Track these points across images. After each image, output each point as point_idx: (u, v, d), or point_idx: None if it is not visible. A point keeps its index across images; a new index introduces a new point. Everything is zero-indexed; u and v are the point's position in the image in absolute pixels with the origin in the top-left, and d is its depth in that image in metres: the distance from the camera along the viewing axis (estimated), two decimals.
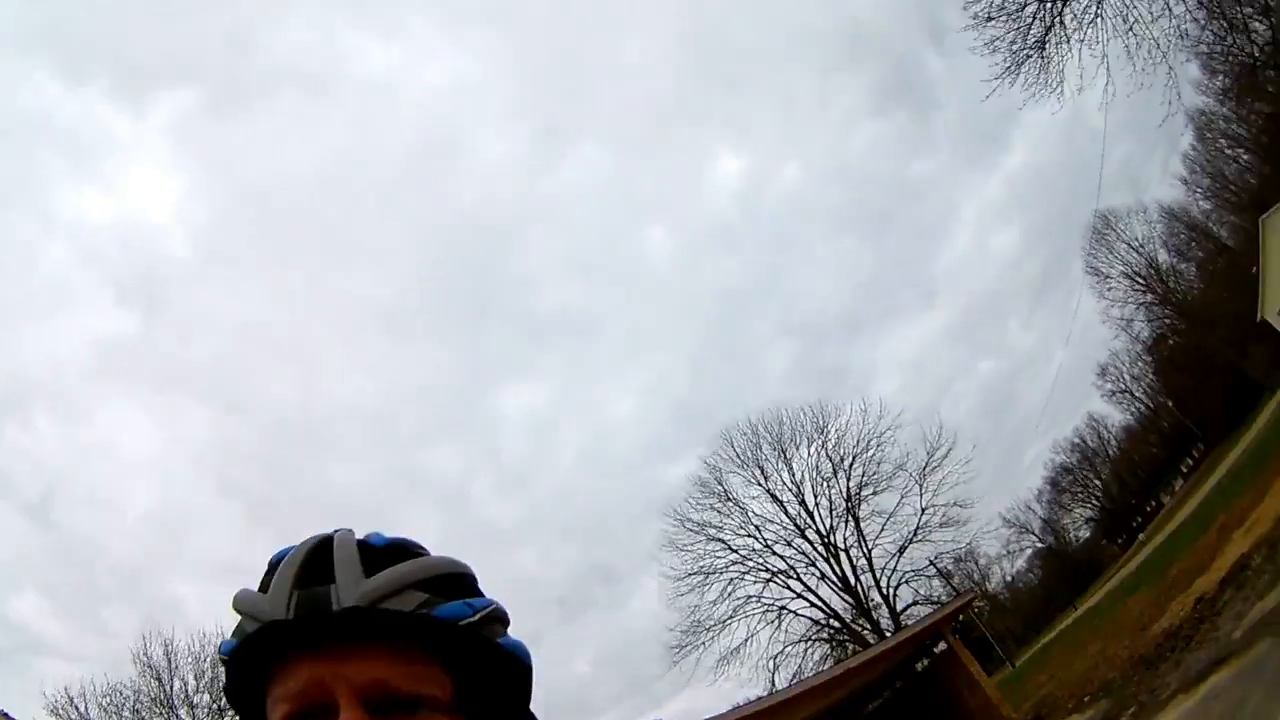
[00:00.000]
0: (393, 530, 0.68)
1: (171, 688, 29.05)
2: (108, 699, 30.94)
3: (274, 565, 0.63)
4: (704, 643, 28.64)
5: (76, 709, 29.92)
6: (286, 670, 0.58)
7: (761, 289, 54.18)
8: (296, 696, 0.57)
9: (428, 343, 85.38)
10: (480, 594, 0.64)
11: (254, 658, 0.60)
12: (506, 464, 76.64)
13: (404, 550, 0.64)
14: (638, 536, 60.07)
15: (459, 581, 0.64)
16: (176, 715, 29.06)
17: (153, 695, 29.07)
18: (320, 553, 0.61)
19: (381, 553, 0.62)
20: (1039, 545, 65.76)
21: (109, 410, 77.72)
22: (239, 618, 0.62)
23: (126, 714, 29.48)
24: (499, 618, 0.63)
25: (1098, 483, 65.79)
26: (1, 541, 64.38)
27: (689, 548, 29.74)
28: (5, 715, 11.55)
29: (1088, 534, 67.42)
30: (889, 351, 51.58)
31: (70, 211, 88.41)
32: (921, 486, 29.35)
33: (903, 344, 59.46)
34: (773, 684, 27.45)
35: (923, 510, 29.13)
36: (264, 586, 0.62)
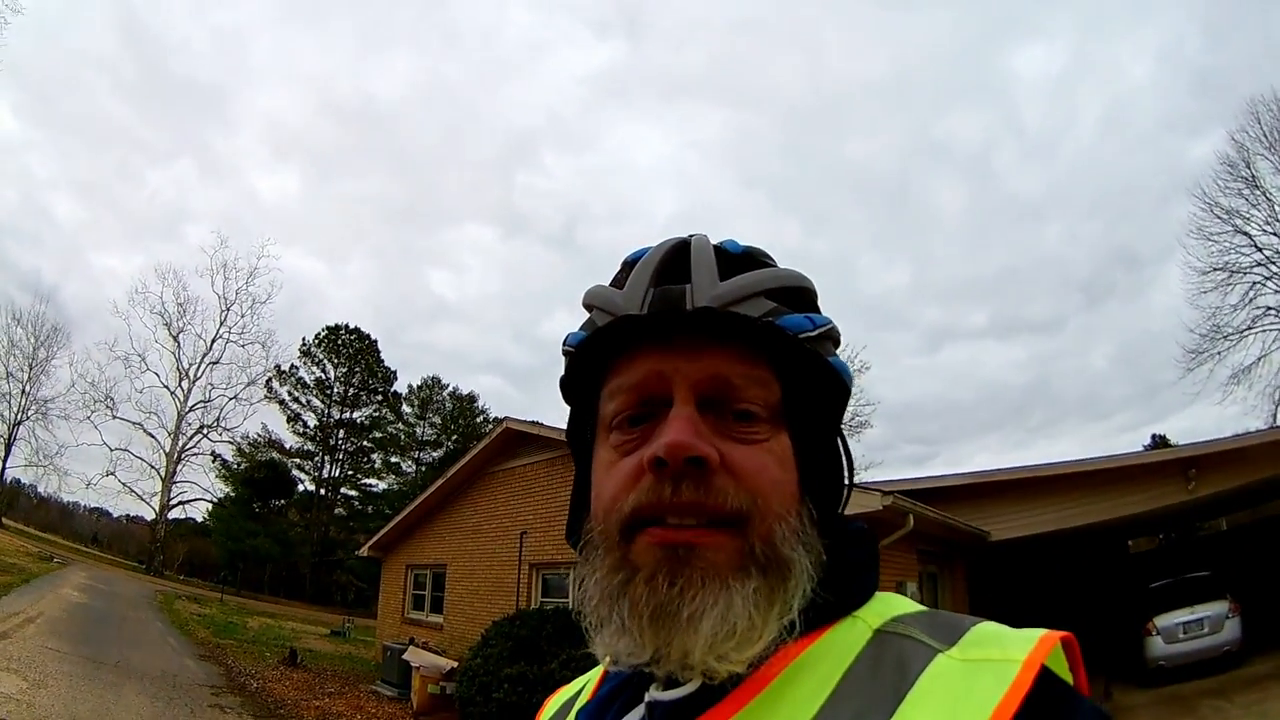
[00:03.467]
0: (915, 210, 0.96)
1: None
2: None
3: (629, 264, 0.64)
4: (1219, 351, 26.28)
5: None
6: (629, 364, 0.60)
7: None
8: (635, 387, 0.60)
9: (927, 4, 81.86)
10: (819, 310, 0.65)
11: (600, 351, 0.62)
12: (1026, 132, 73.55)
13: (756, 259, 0.64)
14: (1162, 218, 54.21)
15: (803, 295, 0.64)
16: None
17: None
18: (678, 254, 0.62)
19: (736, 259, 0.63)
20: None
21: (616, 132, 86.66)
22: (589, 313, 0.65)
23: None
24: (833, 337, 0.64)
25: None
26: (533, 272, 75.68)
27: (1215, 237, 26.60)
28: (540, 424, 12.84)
29: None
30: None
31: None
32: None
33: None
34: (1274, 419, 25.29)
35: None
36: (618, 283, 0.64)
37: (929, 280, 74.83)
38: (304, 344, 48.61)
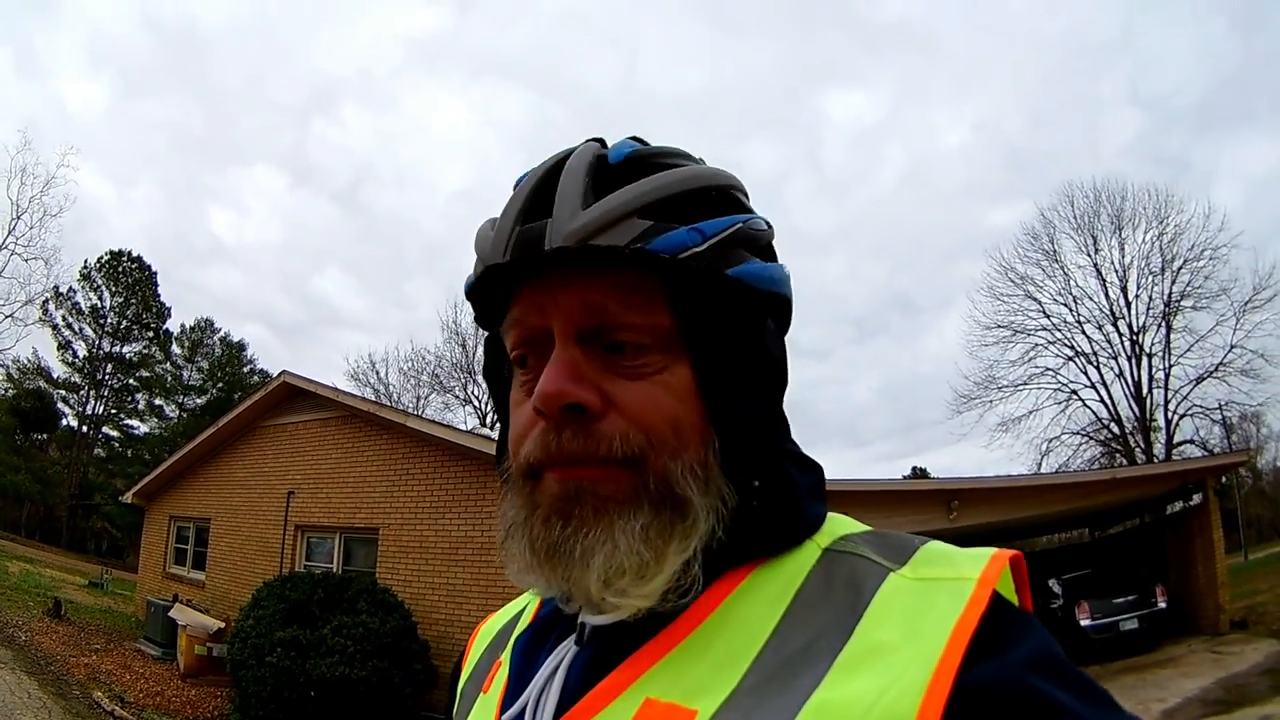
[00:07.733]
0: None
1: (474, 354, 30.93)
2: (409, 364, 35.60)
3: (515, 188, 0.60)
4: (992, 400, 28.21)
5: (377, 373, 33.40)
6: (516, 299, 0.58)
7: (1113, 44, 53.88)
8: (518, 323, 0.57)
9: (755, 34, 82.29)
10: (731, 211, 0.57)
11: (485, 295, 0.60)
12: (825, 171, 75.36)
13: (644, 163, 0.57)
14: (945, 273, 56.60)
15: (697, 199, 0.55)
16: (475, 380, 31.38)
17: (454, 361, 32.13)
18: (547, 181, 0.56)
19: (616, 170, 0.56)
20: None
21: (420, 98, 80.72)
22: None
23: (425, 378, 32.67)
24: (742, 239, 0.56)
25: None
26: (312, 226, 67.88)
27: (1004, 298, 28.51)
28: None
29: None
30: (1237, 161, 50.56)
31: None
32: (1238, 321, 25.37)
33: (1254, 158, 50.70)
34: (1039, 467, 26.95)
35: (1230, 347, 25.44)
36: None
37: None
38: (85, 267, 42.88)
